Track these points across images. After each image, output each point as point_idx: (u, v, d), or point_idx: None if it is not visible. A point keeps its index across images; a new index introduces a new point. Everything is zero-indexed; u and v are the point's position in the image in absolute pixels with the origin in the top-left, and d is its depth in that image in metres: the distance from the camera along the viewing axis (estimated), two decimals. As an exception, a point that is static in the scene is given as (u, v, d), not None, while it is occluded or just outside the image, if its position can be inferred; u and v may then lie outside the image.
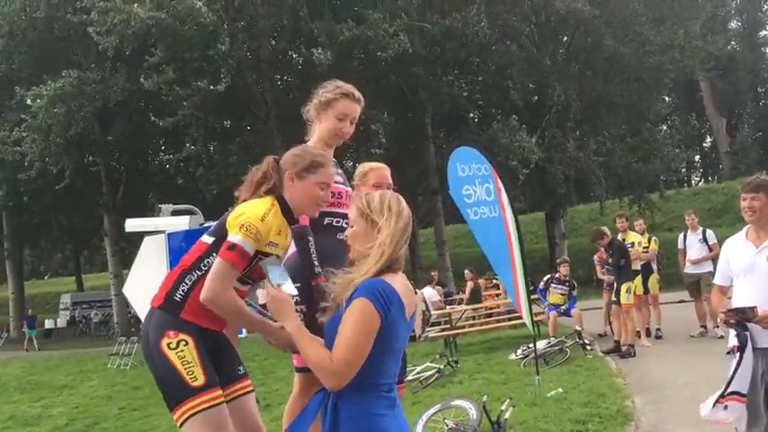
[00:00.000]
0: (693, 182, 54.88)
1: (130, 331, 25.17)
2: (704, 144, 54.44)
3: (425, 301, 3.91)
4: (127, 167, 29.68)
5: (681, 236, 11.46)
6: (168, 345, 2.80)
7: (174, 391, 2.79)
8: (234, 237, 2.81)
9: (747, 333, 3.99)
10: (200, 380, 2.77)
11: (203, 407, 2.76)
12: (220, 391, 2.84)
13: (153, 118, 22.32)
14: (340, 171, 3.67)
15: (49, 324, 34.83)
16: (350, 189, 3.69)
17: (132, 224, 9.02)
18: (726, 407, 4.00)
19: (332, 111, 3.55)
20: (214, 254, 2.88)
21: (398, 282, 2.33)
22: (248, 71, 21.25)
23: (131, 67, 23.29)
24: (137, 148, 29.24)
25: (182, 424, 2.79)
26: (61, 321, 36.44)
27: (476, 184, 7.72)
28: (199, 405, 2.76)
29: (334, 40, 19.61)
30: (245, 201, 3.01)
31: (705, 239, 10.89)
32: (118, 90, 23.09)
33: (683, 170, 49.18)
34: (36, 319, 30.52)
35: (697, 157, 53.51)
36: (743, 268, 4.19)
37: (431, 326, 13.32)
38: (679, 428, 6.22)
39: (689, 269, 11.06)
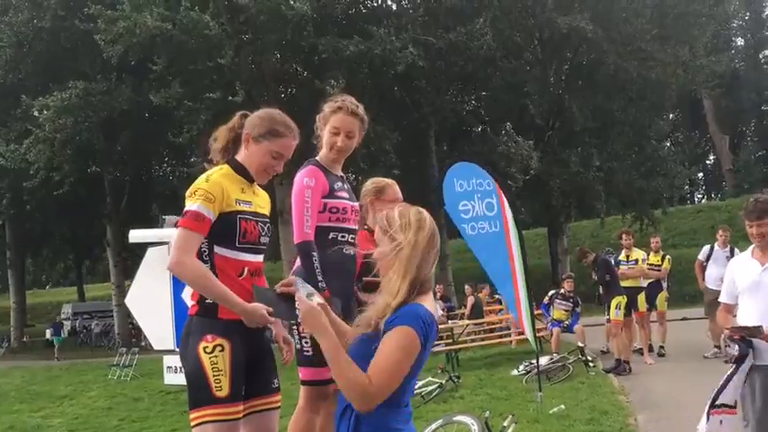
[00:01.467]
0: (696, 199, 54.87)
1: (131, 342, 25.11)
2: (707, 161, 54.48)
3: (433, 317, 3.93)
4: (131, 178, 29.76)
5: (705, 248, 11.17)
6: (204, 349, 2.83)
7: (198, 393, 2.82)
8: (186, 206, 2.89)
9: (750, 349, 3.99)
10: (224, 391, 2.80)
11: (218, 418, 2.79)
12: (240, 407, 2.86)
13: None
14: (346, 186, 3.68)
15: (50, 334, 34.78)
16: (355, 204, 3.69)
17: (136, 235, 9.04)
18: (721, 421, 3.99)
19: (327, 125, 3.58)
20: (205, 243, 2.92)
21: (430, 304, 2.31)
22: (253, 84, 21.34)
23: (137, 78, 23.42)
24: (141, 158, 29.33)
25: (194, 426, 2.83)
26: (62, 332, 36.35)
27: (475, 199, 7.77)
28: (215, 415, 2.79)
29: (340, 57, 19.70)
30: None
31: (733, 257, 10.68)
32: (123, 101, 23.21)
33: (687, 187, 49.19)
34: (62, 326, 30.45)
35: (700, 175, 53.49)
36: (748, 286, 4.19)
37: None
38: (682, 447, 6.20)
39: (711, 284, 10.57)
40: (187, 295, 7.02)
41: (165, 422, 10.88)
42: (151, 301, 8.26)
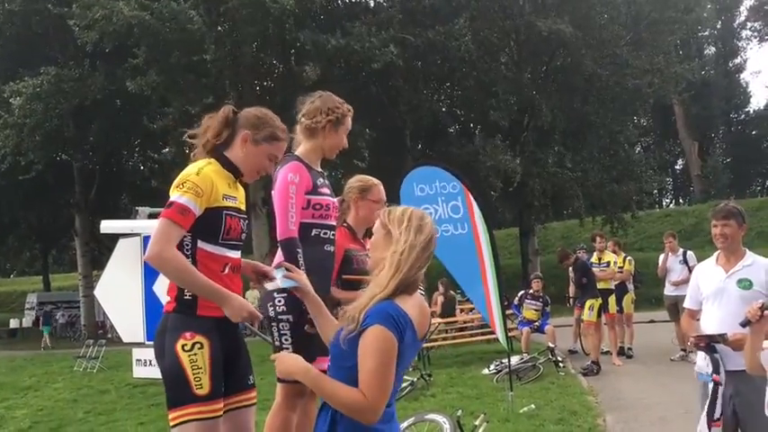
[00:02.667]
0: (665, 203, 55.67)
1: (97, 334, 24.79)
2: (676, 167, 55.31)
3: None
4: (101, 167, 29.32)
5: (661, 257, 11.52)
6: (183, 346, 2.77)
7: (178, 392, 2.76)
8: (172, 196, 2.82)
9: (718, 356, 4.04)
10: (205, 389, 2.75)
11: (200, 416, 2.74)
12: (221, 405, 2.81)
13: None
14: (327, 182, 3.66)
15: (14, 324, 34.19)
16: (335, 200, 3.68)
17: (108, 225, 8.90)
18: None
19: (342, 128, 3.61)
20: (189, 237, 2.85)
21: (412, 304, 2.27)
22: (230, 76, 21.20)
23: (111, 65, 23.09)
24: (112, 147, 28.92)
25: (174, 425, 2.77)
26: (27, 321, 35.75)
27: (438, 202, 7.76)
28: (196, 414, 2.73)
29: (320, 51, 19.64)
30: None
31: (685, 261, 10.96)
32: (95, 89, 22.86)
33: (655, 192, 49.91)
34: (51, 315, 29.86)
35: (669, 180, 54.29)
36: (712, 292, 4.20)
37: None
38: (650, 448, 6.29)
39: (668, 291, 11.05)
40: (159, 289, 6.95)
41: (132, 415, 10.73)
42: (121, 293, 8.16)
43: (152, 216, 8.43)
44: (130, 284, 7.73)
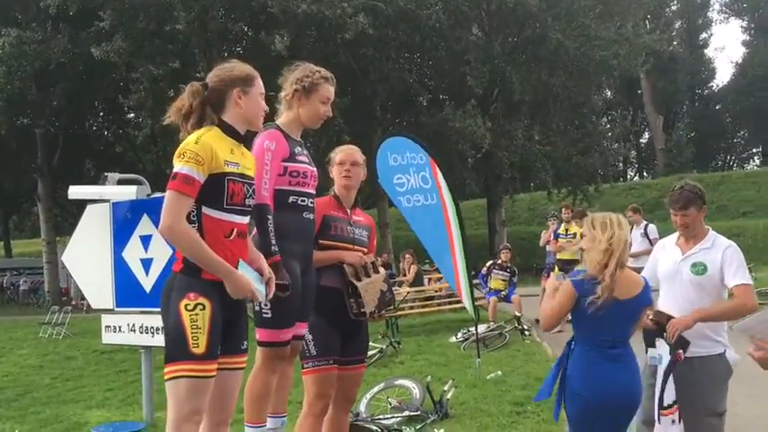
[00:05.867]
0: (629, 176, 56.44)
1: (62, 300, 24.52)
2: (641, 140, 56.05)
3: (387, 282, 3.99)
4: (64, 132, 28.70)
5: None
6: (186, 306, 2.87)
7: (175, 348, 2.88)
8: (175, 168, 2.90)
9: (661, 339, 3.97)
10: (201, 348, 2.85)
11: (192, 374, 2.85)
12: (214, 366, 2.92)
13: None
14: (305, 151, 3.69)
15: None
16: (314, 169, 3.71)
17: (76, 191, 8.69)
18: (673, 420, 3.86)
19: (316, 95, 3.61)
20: (194, 204, 2.93)
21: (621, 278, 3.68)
22: (199, 42, 20.85)
23: (74, 28, 22.51)
24: (75, 112, 28.29)
25: (167, 379, 2.89)
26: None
27: (410, 172, 7.78)
28: (189, 371, 2.85)
29: (289, 18, 19.36)
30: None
31: (646, 234, 11.11)
32: (59, 51, 22.30)
33: (620, 165, 50.58)
34: None
35: (633, 153, 55.02)
36: (666, 273, 4.11)
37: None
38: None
39: (629, 263, 11.25)
40: (129, 255, 6.92)
41: (100, 381, 10.73)
42: (90, 260, 8.04)
43: (121, 182, 8.30)
44: (99, 251, 7.62)
